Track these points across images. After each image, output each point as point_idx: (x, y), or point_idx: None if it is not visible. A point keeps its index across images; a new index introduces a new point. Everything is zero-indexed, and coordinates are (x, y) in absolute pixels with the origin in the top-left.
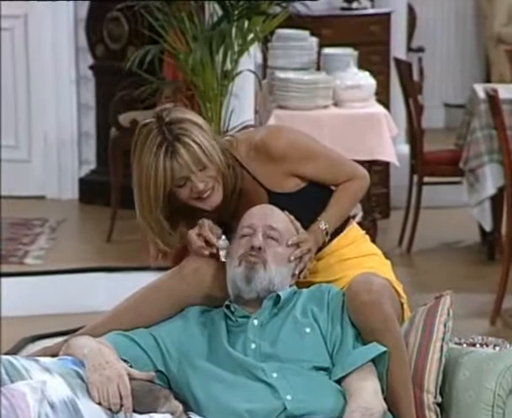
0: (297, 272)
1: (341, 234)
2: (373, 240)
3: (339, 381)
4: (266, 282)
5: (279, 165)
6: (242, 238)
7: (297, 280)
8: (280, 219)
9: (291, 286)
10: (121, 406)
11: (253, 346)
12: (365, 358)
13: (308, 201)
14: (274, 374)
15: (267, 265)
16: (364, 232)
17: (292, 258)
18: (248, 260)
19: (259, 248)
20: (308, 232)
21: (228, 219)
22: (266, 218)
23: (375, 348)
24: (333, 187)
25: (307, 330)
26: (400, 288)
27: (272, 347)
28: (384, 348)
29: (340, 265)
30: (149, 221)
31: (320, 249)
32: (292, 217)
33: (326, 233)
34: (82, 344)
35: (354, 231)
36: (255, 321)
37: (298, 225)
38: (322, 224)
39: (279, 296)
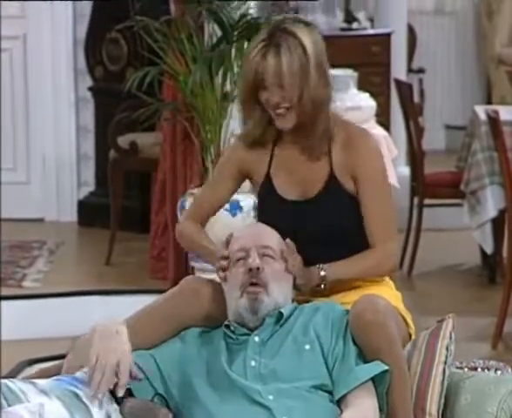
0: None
1: None
2: None
3: (337, 400)
4: (272, 306)
5: (350, 159)
6: (237, 262)
7: (305, 299)
8: (271, 236)
9: (293, 300)
10: (115, 386)
11: (253, 363)
12: (367, 375)
13: (354, 212)
14: (270, 397)
15: (269, 288)
16: None
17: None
18: (250, 291)
19: (257, 269)
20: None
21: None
22: (256, 237)
23: (378, 366)
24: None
25: (307, 347)
26: (409, 318)
27: (270, 365)
28: (386, 367)
29: (351, 292)
30: (243, 103)
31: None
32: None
33: (323, 280)
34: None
35: None
36: (256, 338)
37: (289, 241)
38: (323, 268)
39: (281, 313)
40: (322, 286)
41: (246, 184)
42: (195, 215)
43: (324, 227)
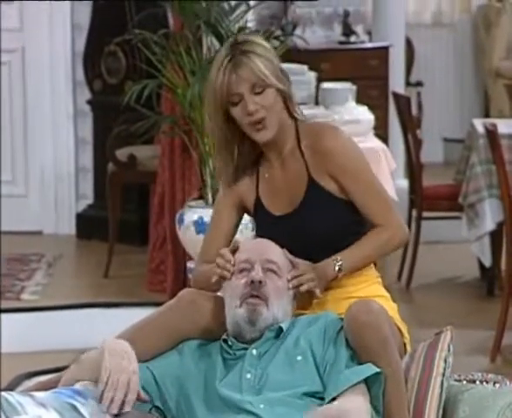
0: (298, 291)
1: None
2: None
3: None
4: (270, 320)
5: (324, 161)
6: (240, 272)
7: (303, 311)
8: (277, 253)
9: (293, 316)
10: (123, 402)
11: (249, 376)
12: (358, 377)
13: (343, 214)
14: (261, 406)
15: (269, 302)
16: (378, 274)
17: (290, 286)
18: (250, 302)
19: (260, 282)
20: (320, 263)
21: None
22: (262, 252)
23: (369, 369)
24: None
25: (299, 358)
26: (404, 329)
27: (264, 376)
28: (378, 369)
29: (346, 302)
30: (212, 136)
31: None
32: (286, 251)
33: (339, 270)
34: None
35: (369, 271)
36: (254, 351)
37: (291, 257)
38: (338, 258)
39: (281, 328)
40: (339, 275)
41: None
42: (205, 259)
43: (316, 232)
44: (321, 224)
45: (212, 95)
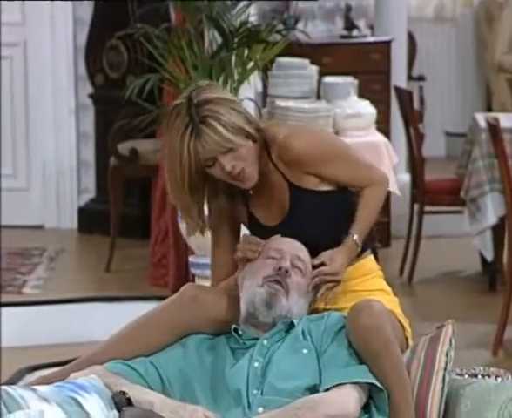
0: (318, 296)
1: (356, 264)
2: None
3: None
4: (285, 311)
5: (299, 166)
6: (268, 258)
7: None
8: (306, 255)
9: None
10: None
11: (256, 364)
12: (348, 378)
13: (330, 205)
14: (260, 409)
15: (290, 294)
16: (379, 267)
17: (315, 281)
18: (272, 286)
19: (286, 271)
20: (343, 251)
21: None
22: (293, 247)
23: (362, 374)
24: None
25: (304, 351)
26: (406, 323)
27: (268, 369)
28: (371, 380)
29: (347, 295)
30: (178, 201)
31: None
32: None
33: (358, 245)
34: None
35: (369, 264)
36: (265, 341)
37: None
38: (355, 236)
39: (293, 324)
40: (359, 249)
41: None
42: (219, 280)
43: (312, 233)
44: (315, 221)
45: (179, 163)
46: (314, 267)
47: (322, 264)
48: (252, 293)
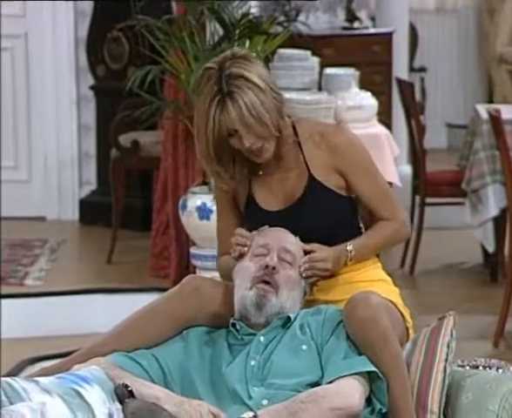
0: (308, 283)
1: None
2: None
3: None
4: (277, 308)
5: (332, 158)
6: (255, 256)
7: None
8: (293, 242)
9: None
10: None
11: (253, 362)
12: (350, 370)
13: (340, 210)
14: (264, 402)
15: (279, 291)
16: (377, 258)
17: (302, 269)
18: (260, 287)
19: (273, 268)
20: (334, 249)
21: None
22: (279, 240)
23: (363, 364)
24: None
25: (304, 347)
26: (406, 313)
27: (268, 364)
28: (371, 368)
29: (347, 286)
30: (205, 162)
31: None
32: (300, 242)
33: (350, 259)
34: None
35: None
36: (261, 338)
37: (303, 245)
38: (350, 247)
39: (289, 318)
40: (348, 263)
41: None
42: (223, 252)
43: (312, 228)
44: (320, 219)
45: (205, 128)
46: (306, 254)
47: (313, 251)
48: (242, 297)
